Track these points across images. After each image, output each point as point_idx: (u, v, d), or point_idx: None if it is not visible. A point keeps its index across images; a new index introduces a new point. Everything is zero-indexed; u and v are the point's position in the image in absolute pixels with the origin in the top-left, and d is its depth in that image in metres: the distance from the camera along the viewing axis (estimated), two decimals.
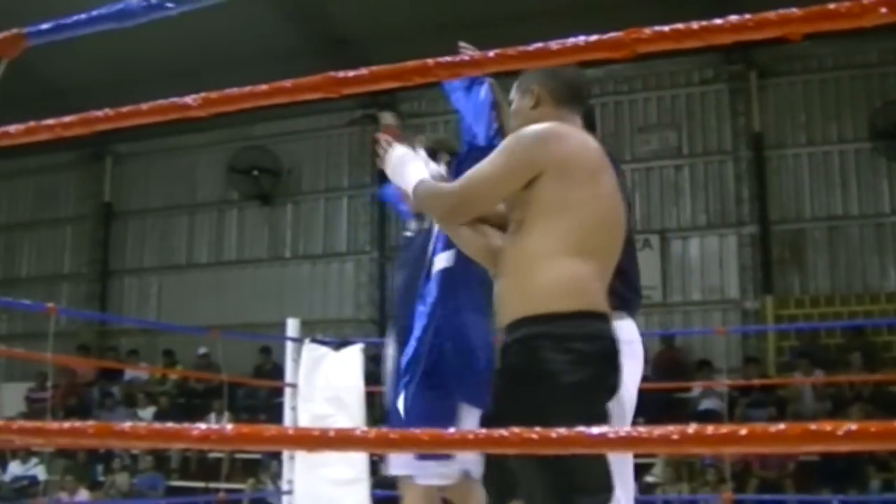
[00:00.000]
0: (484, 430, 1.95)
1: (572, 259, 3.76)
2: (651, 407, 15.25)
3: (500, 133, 4.65)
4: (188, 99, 2.43)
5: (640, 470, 14.40)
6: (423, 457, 5.06)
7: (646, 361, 4.80)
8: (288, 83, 2.31)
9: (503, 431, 1.84)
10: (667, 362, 16.48)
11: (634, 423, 4.82)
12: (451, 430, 2.07)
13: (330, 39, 18.18)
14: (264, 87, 2.32)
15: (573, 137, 3.96)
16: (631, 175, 17.64)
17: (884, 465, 13.44)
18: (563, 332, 3.68)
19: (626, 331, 4.22)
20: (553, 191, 3.82)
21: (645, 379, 14.74)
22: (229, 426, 2.06)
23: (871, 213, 16.81)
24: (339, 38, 18.20)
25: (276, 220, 20.41)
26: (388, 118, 4.91)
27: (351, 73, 2.21)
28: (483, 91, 5.06)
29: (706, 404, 15.20)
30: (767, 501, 11.78)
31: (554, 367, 3.64)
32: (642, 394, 4.74)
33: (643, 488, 14.15)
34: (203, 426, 2.12)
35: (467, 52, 4.34)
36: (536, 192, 3.82)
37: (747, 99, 17.46)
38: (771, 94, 17.54)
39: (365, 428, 1.90)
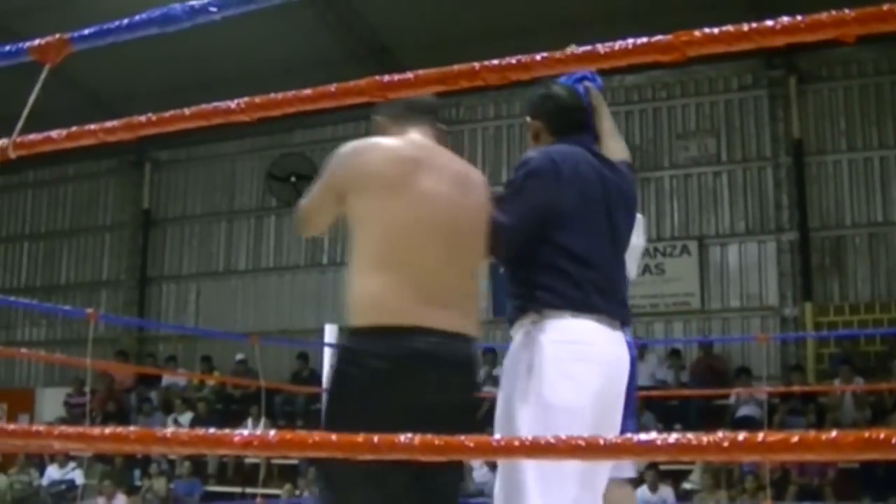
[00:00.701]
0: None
1: (372, 273, 3.89)
2: (690, 414, 15.22)
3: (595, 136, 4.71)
4: (231, 103, 2.41)
5: (677, 476, 14.36)
6: None
7: (633, 363, 4.68)
8: (333, 87, 2.30)
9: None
10: (705, 369, 16.42)
11: (671, 428, 4.91)
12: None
13: (372, 48, 18.25)
14: (309, 91, 2.31)
15: (375, 151, 4.08)
16: (669, 182, 17.61)
17: None
18: (358, 348, 3.87)
19: (575, 331, 4.14)
20: (356, 207, 4.00)
21: (683, 385, 14.77)
22: (272, 433, 2.04)
23: None
24: (380, 47, 18.28)
25: None
26: None
27: (396, 77, 2.19)
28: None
29: (744, 411, 15.12)
30: None
31: (345, 382, 3.87)
32: (682, 401, 4.86)
33: (681, 495, 14.11)
34: (245, 433, 2.11)
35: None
36: (348, 210, 4.03)
37: (787, 105, 17.37)
38: (811, 100, 17.44)
39: (409, 434, 1.88)
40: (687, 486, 14.39)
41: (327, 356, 9.56)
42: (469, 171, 4.23)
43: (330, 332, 9.71)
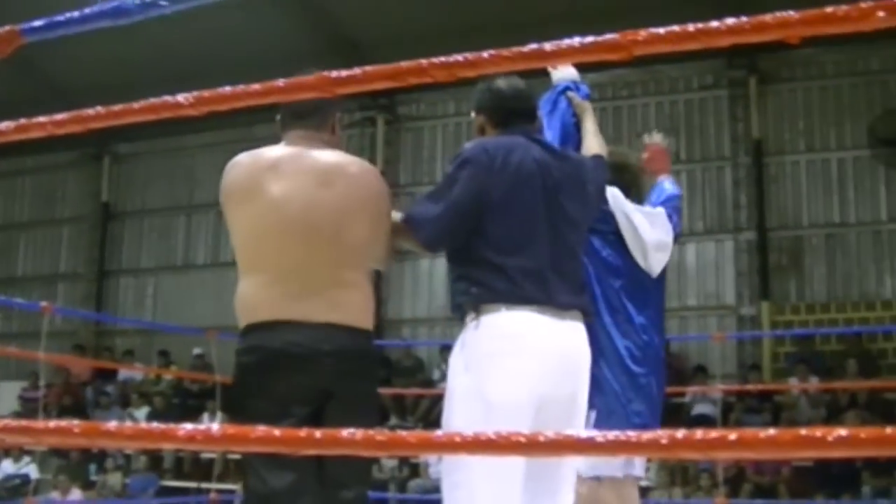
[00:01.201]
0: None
1: (244, 278, 4.24)
2: None
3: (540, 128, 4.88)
4: (180, 97, 2.41)
5: None
6: None
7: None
8: (282, 82, 2.30)
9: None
10: None
11: None
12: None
13: (339, 42, 18.20)
14: (257, 86, 2.31)
15: (236, 166, 4.38)
16: None
17: (878, 471, 13.43)
18: (239, 348, 4.17)
19: (509, 325, 4.16)
20: (227, 220, 4.35)
21: None
22: (215, 426, 2.04)
23: (868, 221, 16.82)
24: (348, 41, 18.23)
25: None
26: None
27: (345, 73, 2.20)
28: (559, 109, 5.21)
29: (700, 409, 15.19)
30: None
31: (234, 377, 4.20)
32: None
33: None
34: (189, 426, 2.10)
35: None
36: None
37: (747, 105, 17.45)
38: (771, 101, 17.54)
39: (352, 429, 1.88)
40: (643, 483, 14.41)
41: None
42: (340, 166, 4.32)
43: None
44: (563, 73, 5.27)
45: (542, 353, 4.18)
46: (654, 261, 5.44)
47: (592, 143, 4.93)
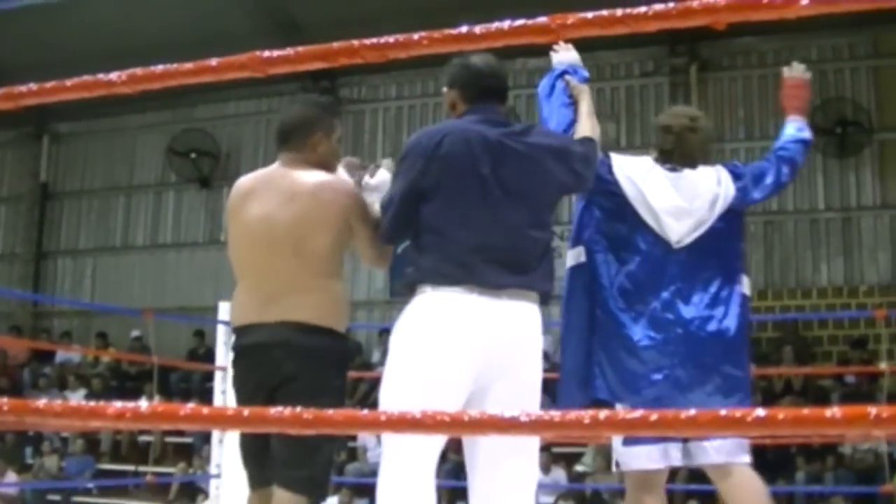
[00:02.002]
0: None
1: (237, 285, 4.83)
2: None
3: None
4: (113, 76, 2.41)
5: (570, 459, 14.50)
6: (629, 441, 4.97)
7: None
8: (214, 62, 2.30)
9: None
10: None
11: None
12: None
13: (281, 23, 18.11)
14: (190, 65, 2.31)
15: (238, 184, 4.99)
16: None
17: (812, 457, 13.58)
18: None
19: (433, 306, 4.29)
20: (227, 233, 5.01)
21: None
22: (144, 405, 2.05)
23: (805, 209, 16.99)
24: (290, 22, 18.14)
25: (213, 204, 20.27)
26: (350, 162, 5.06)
27: (276, 54, 2.20)
28: (556, 92, 5.25)
29: None
30: (695, 491, 11.84)
31: None
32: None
33: (573, 477, 14.24)
34: (119, 404, 2.10)
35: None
36: None
37: (687, 92, 17.55)
38: (711, 89, 17.66)
39: (280, 408, 1.89)
40: (580, 468, 14.52)
41: (221, 334, 9.51)
42: (305, 185, 4.72)
43: (224, 310, 9.64)
44: (563, 56, 5.35)
45: (463, 333, 4.25)
46: (671, 229, 5.02)
47: (584, 126, 4.94)
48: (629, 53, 17.74)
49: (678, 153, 5.23)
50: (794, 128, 5.47)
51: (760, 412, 1.73)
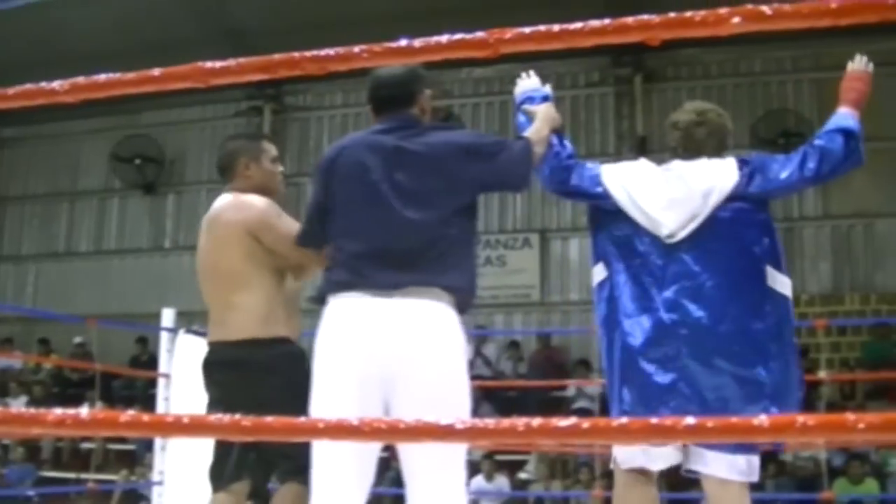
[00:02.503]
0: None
1: None
2: (529, 405, 15.42)
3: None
4: (55, 84, 2.42)
5: (513, 467, 14.54)
6: None
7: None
8: (157, 72, 2.32)
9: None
10: (543, 361, 16.63)
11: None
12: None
13: (227, 31, 18.05)
14: (132, 75, 2.32)
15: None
16: None
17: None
18: None
19: (330, 313, 4.41)
20: None
21: (522, 377, 14.82)
22: (84, 411, 2.06)
23: None
24: (236, 31, 18.09)
25: (158, 210, 20.22)
26: None
27: (218, 64, 2.22)
28: (520, 124, 5.28)
29: (581, 403, 15.36)
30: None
31: None
32: (521, 392, 4.95)
33: (517, 485, 14.29)
34: (59, 411, 2.11)
35: None
36: None
37: (632, 103, 17.69)
38: (656, 99, 17.79)
39: (220, 414, 1.91)
40: (523, 475, 14.57)
41: (164, 341, 9.49)
42: (218, 213, 5.30)
43: (167, 317, 9.63)
44: (521, 86, 5.53)
45: (356, 336, 4.30)
46: (661, 222, 4.87)
47: (529, 130, 4.94)
48: (575, 64, 17.82)
49: (683, 148, 5.19)
50: (840, 118, 5.13)
51: (690, 420, 1.76)
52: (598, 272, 5.13)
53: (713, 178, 4.93)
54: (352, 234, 4.50)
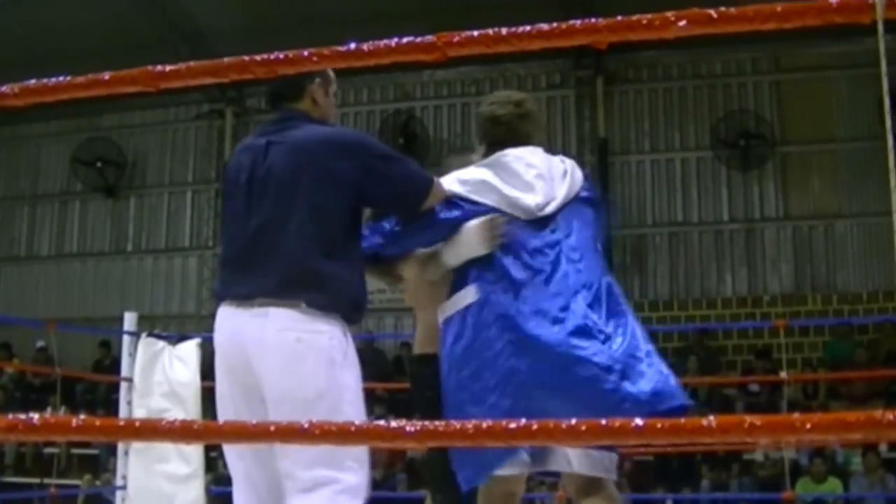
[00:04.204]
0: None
1: None
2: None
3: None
4: (6, 88, 2.41)
5: None
6: None
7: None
8: (106, 76, 2.31)
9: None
10: None
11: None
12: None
13: (185, 34, 17.99)
14: (82, 78, 2.32)
15: None
16: None
17: (716, 465, 13.76)
18: None
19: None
20: None
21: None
22: (35, 416, 2.05)
23: (710, 221, 17.24)
24: (195, 33, 18.03)
25: (119, 213, 20.12)
26: None
27: (168, 68, 2.22)
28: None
29: None
30: None
31: None
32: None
33: None
34: (10, 416, 2.11)
35: None
36: None
37: (593, 105, 17.75)
38: (617, 101, 17.86)
39: (171, 419, 1.91)
40: None
41: (126, 345, 9.44)
42: None
43: (129, 321, 9.58)
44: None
45: (219, 346, 4.27)
46: (534, 198, 4.50)
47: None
48: (536, 66, 17.89)
49: (513, 140, 4.76)
50: None
51: (639, 422, 1.77)
52: None
53: (564, 164, 4.89)
54: (225, 240, 4.43)
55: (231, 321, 4.19)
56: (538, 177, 4.59)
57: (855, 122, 16.38)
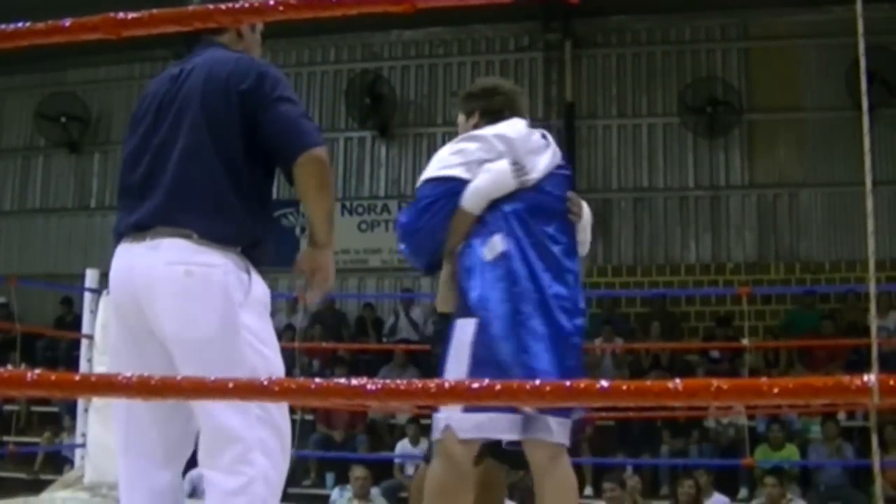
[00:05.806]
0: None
1: None
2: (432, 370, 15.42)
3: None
4: None
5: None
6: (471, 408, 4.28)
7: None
8: (67, 22, 2.26)
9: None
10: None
11: None
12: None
13: None
14: (41, 25, 2.27)
15: None
16: (442, 138, 17.52)
17: (677, 432, 13.83)
18: None
19: None
20: None
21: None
22: None
23: (676, 187, 17.27)
24: None
25: (83, 169, 19.96)
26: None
27: (131, 16, 2.17)
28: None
29: None
30: None
31: None
32: None
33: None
34: None
35: None
36: None
37: (561, 68, 17.70)
38: (585, 65, 17.84)
39: (128, 374, 1.87)
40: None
41: (87, 302, 9.38)
42: None
43: (91, 277, 9.52)
44: None
45: (111, 290, 4.08)
46: (531, 167, 4.76)
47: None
48: (504, 28, 17.84)
49: (509, 111, 5.04)
50: None
51: (604, 383, 1.75)
52: None
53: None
54: (121, 171, 4.13)
55: (123, 258, 3.96)
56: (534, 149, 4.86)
57: (822, 92, 16.42)
